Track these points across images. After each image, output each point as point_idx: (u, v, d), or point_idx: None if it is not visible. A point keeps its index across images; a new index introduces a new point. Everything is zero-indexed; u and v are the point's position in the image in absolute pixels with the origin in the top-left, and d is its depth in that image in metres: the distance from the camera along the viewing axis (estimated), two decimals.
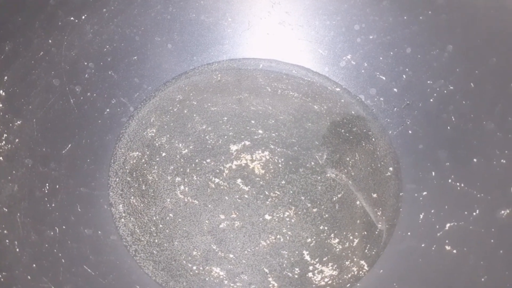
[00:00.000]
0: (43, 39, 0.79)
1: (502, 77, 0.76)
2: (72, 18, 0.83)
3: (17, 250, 0.64)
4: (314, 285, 0.75)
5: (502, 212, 0.69)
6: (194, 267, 0.75)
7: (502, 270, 0.65)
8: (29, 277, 0.62)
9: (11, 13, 0.74)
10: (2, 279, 0.59)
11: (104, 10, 0.87)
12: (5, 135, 0.71)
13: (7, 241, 0.63)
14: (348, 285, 0.75)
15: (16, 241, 0.64)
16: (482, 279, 0.65)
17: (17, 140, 0.73)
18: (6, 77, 0.73)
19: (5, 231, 0.64)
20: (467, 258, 0.70)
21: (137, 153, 0.86)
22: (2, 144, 0.70)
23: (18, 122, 0.74)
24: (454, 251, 0.72)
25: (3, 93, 0.72)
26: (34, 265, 0.64)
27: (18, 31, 0.75)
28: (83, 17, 0.84)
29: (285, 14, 0.98)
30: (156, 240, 0.77)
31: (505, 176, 0.72)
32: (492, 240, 0.68)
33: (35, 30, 0.78)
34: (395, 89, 0.92)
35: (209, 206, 0.81)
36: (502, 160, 0.72)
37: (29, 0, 0.77)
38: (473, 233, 0.72)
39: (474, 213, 0.73)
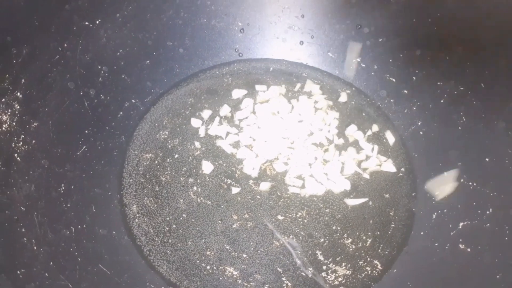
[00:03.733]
0: (59, 43, 0.80)
1: None
2: (86, 23, 0.85)
3: (35, 248, 0.64)
4: (328, 285, 0.75)
5: None
6: (208, 267, 0.75)
7: None
8: (46, 274, 0.63)
9: (28, 17, 0.76)
10: (20, 276, 0.59)
11: (118, 15, 0.89)
12: (22, 136, 0.72)
13: (24, 239, 0.64)
14: (362, 285, 0.75)
15: (34, 240, 0.65)
16: (497, 277, 0.65)
17: (33, 141, 0.74)
18: (23, 80, 0.74)
19: (23, 230, 0.65)
20: (482, 256, 0.70)
21: (150, 154, 0.87)
22: (20, 144, 0.72)
23: (35, 124, 0.75)
24: (468, 249, 0.72)
25: (20, 95, 0.73)
26: (51, 263, 0.64)
27: (35, 35, 0.77)
28: (97, 22, 0.86)
29: (294, 18, 1.00)
30: (170, 240, 0.77)
31: None
32: (506, 238, 0.68)
33: (51, 34, 0.79)
34: (405, 91, 0.92)
35: (222, 206, 0.81)
36: None
37: (46, 5, 0.78)
38: (487, 231, 0.72)
39: (488, 212, 0.73)
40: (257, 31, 1.01)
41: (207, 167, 0.85)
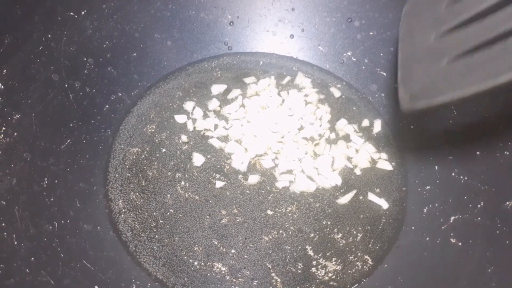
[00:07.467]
0: (43, 33, 0.78)
1: None
2: (71, 14, 0.82)
3: (15, 243, 0.62)
4: (317, 280, 0.73)
5: (507, 203, 0.69)
6: (196, 263, 0.74)
7: (508, 261, 0.64)
8: (27, 270, 0.60)
9: (11, 6, 0.74)
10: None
11: (104, 6, 0.87)
12: (3, 128, 0.70)
13: (5, 234, 0.62)
14: (352, 281, 0.74)
15: (14, 235, 0.63)
16: (489, 270, 0.64)
17: (15, 134, 0.72)
18: (5, 71, 0.72)
19: (3, 224, 0.63)
20: (473, 250, 0.69)
21: (137, 149, 0.85)
22: (1, 137, 0.69)
23: (17, 116, 0.73)
24: (459, 243, 0.71)
25: (2, 87, 0.71)
26: (33, 258, 0.62)
27: (17, 24, 0.74)
28: (83, 12, 0.84)
29: (285, 11, 0.98)
30: (157, 236, 0.76)
31: (508, 167, 0.71)
32: (497, 232, 0.68)
33: (35, 24, 0.77)
34: (396, 85, 0.91)
35: (210, 201, 0.79)
36: (505, 152, 0.72)
37: None
38: (478, 225, 0.71)
39: (479, 205, 0.72)
40: (247, 24, 1.00)
41: (198, 159, 0.83)
